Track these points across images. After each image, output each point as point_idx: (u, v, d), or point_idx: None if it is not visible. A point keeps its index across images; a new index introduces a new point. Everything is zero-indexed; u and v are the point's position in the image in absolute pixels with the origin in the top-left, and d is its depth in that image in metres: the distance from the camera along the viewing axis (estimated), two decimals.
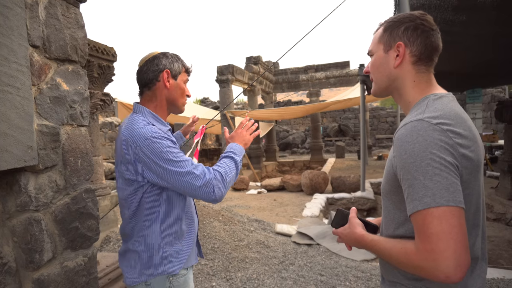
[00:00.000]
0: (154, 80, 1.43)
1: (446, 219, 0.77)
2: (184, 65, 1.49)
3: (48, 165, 1.42)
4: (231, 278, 3.27)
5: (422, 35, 0.95)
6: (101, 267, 2.40)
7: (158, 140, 1.29)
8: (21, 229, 1.34)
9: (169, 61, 1.44)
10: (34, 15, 1.38)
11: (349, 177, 7.53)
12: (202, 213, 4.43)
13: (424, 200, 0.79)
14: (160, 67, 1.42)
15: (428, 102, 0.92)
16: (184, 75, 1.49)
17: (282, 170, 13.88)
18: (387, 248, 0.89)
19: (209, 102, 21.79)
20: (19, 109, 1.28)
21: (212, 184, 1.28)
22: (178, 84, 1.46)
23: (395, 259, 0.86)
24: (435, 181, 0.79)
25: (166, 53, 1.47)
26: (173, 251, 1.39)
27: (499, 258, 4.12)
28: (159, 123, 1.43)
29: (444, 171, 0.79)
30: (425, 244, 0.78)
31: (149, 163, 1.28)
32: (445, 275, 0.76)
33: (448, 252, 0.76)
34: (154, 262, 1.37)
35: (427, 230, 0.78)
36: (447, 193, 0.78)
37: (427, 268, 0.78)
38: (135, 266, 1.39)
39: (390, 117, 21.31)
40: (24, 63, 1.31)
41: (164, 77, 1.42)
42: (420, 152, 0.81)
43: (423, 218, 0.79)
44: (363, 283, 3.21)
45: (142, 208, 1.37)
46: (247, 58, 12.60)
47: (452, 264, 0.75)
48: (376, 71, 1.04)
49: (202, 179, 1.27)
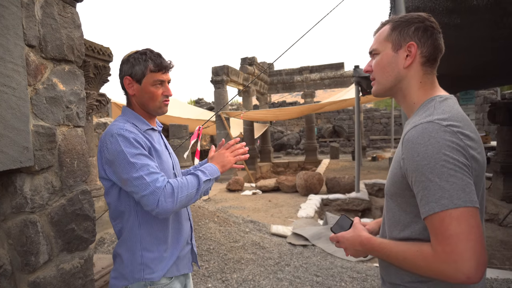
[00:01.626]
0: (123, 87, 1.41)
1: (465, 220, 0.77)
2: (148, 66, 1.34)
3: (44, 166, 1.41)
4: (227, 280, 3.26)
5: (432, 36, 0.95)
6: (97, 269, 2.38)
7: (121, 138, 1.25)
8: (16, 231, 1.33)
9: (129, 66, 1.36)
10: (30, 14, 1.37)
11: (343, 178, 7.56)
12: (197, 214, 4.41)
13: (442, 202, 0.79)
14: (122, 74, 1.38)
15: (435, 104, 0.92)
16: (152, 76, 1.35)
17: (277, 171, 13.90)
18: (400, 251, 0.88)
19: (203, 103, 21.74)
20: (15, 109, 1.26)
21: (158, 195, 1.19)
22: (143, 88, 1.36)
23: (410, 262, 0.85)
24: (451, 182, 0.79)
25: (130, 57, 1.38)
26: (153, 256, 1.33)
27: (492, 258, 4.16)
28: (140, 122, 1.39)
29: (459, 172, 0.79)
30: (444, 246, 0.78)
31: (110, 161, 1.26)
32: (466, 276, 0.76)
33: (468, 252, 0.76)
34: (133, 267, 1.32)
35: (445, 232, 0.78)
36: (464, 194, 0.78)
37: (447, 270, 0.78)
38: (118, 269, 1.36)
39: (384, 118, 21.44)
40: (20, 63, 1.30)
41: (126, 83, 1.38)
42: (434, 154, 0.81)
43: (441, 220, 0.79)
44: (359, 284, 3.22)
45: (119, 209, 1.34)
46: (242, 59, 12.60)
47: (473, 264, 0.75)
48: (381, 70, 1.01)
49: (150, 187, 1.20)
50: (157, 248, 1.35)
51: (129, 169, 1.22)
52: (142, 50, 1.38)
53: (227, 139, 10.51)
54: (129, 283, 1.33)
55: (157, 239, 1.35)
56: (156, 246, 1.35)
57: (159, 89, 1.38)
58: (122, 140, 1.24)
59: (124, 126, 1.29)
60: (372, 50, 1.04)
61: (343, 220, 1.10)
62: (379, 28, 1.04)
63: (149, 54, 1.36)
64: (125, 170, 1.22)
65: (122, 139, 1.24)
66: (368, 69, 1.06)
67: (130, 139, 1.25)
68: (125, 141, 1.24)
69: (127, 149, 1.23)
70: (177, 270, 1.41)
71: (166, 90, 1.40)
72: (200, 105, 20.36)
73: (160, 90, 1.38)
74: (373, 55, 1.04)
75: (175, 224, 1.42)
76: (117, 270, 1.37)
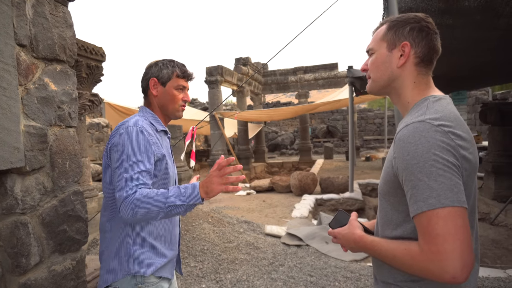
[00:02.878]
0: (146, 88, 1.50)
1: (452, 219, 0.78)
2: (175, 71, 1.48)
3: (35, 167, 1.39)
4: (221, 280, 3.25)
5: (427, 37, 0.96)
6: (89, 271, 2.36)
7: (134, 133, 1.30)
8: (7, 232, 1.31)
9: (157, 69, 1.48)
10: (21, 14, 1.35)
11: (337, 178, 7.59)
12: (191, 214, 4.40)
13: (429, 201, 0.79)
14: (149, 75, 1.49)
15: (428, 104, 0.92)
16: (176, 81, 1.48)
17: (271, 171, 13.90)
18: (390, 249, 0.88)
19: (197, 103, 21.70)
20: (5, 109, 1.25)
21: (120, 201, 1.21)
22: (167, 90, 1.47)
23: (399, 260, 0.86)
24: (439, 181, 0.79)
25: (158, 61, 1.51)
26: (144, 252, 1.35)
27: (484, 257, 4.21)
28: (157, 122, 1.47)
29: (448, 171, 0.80)
30: (431, 246, 0.78)
31: (113, 146, 1.31)
32: (451, 276, 0.76)
33: (454, 252, 0.76)
34: (123, 259, 1.33)
35: (432, 231, 0.78)
36: (452, 193, 0.79)
37: (433, 269, 0.78)
38: (106, 265, 1.37)
39: (377, 118, 21.57)
40: (11, 63, 1.28)
41: (151, 84, 1.48)
42: (424, 153, 0.81)
43: (428, 219, 0.79)
44: (352, 283, 3.23)
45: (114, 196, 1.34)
46: (236, 59, 12.59)
47: (459, 264, 0.76)
48: (376, 69, 1.02)
49: (123, 190, 1.22)
50: (148, 243, 1.36)
51: (123, 167, 1.25)
52: (169, 58, 1.53)
53: (222, 139, 10.50)
54: (119, 277, 1.32)
55: (149, 234, 1.37)
56: (148, 241, 1.36)
57: (180, 93, 1.50)
58: (134, 135, 1.30)
59: (142, 123, 1.36)
60: (369, 49, 1.05)
61: (341, 215, 1.10)
62: (377, 28, 1.05)
63: (176, 62, 1.51)
64: (119, 167, 1.26)
65: (134, 134, 1.30)
66: (365, 67, 1.08)
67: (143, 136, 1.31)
68: (136, 139, 1.30)
69: (134, 143, 1.28)
70: (165, 271, 1.42)
71: (186, 96, 1.52)
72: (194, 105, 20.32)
73: (181, 95, 1.50)
74: (370, 54, 1.06)
75: (167, 224, 1.44)
76: (106, 265, 1.36)
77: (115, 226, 1.36)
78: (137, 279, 1.32)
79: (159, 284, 1.38)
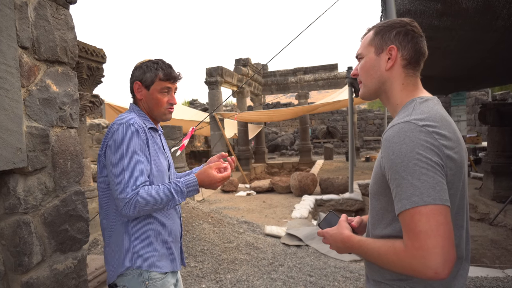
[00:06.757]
0: (132, 91, 1.50)
1: (434, 217, 0.80)
2: (158, 74, 1.43)
3: (37, 167, 1.41)
4: (221, 280, 3.27)
5: (412, 40, 0.99)
6: (90, 270, 2.38)
7: (128, 130, 1.32)
8: (9, 232, 1.33)
9: (141, 72, 1.45)
10: (24, 16, 1.38)
11: (337, 179, 7.60)
12: (191, 215, 4.41)
13: (412, 199, 0.82)
14: (133, 78, 1.47)
15: (415, 105, 0.95)
16: (160, 84, 1.44)
17: (271, 171, 13.92)
18: (375, 248, 0.91)
19: (197, 104, 21.71)
20: (8, 110, 1.27)
21: (124, 202, 1.26)
22: (151, 94, 1.45)
23: (384, 258, 0.88)
24: (422, 180, 0.82)
25: (142, 64, 1.47)
26: (143, 245, 1.37)
27: (483, 257, 4.22)
28: (145, 119, 1.46)
29: (431, 170, 0.82)
30: (414, 242, 0.81)
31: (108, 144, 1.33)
32: (433, 272, 0.78)
33: (436, 249, 0.78)
34: (123, 254, 1.35)
35: (415, 228, 0.81)
36: (434, 191, 0.81)
37: (416, 265, 0.80)
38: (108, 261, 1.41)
39: (377, 119, 21.58)
40: (13, 65, 1.30)
41: (135, 88, 1.47)
42: (408, 153, 0.84)
43: (411, 217, 0.82)
44: (352, 283, 3.25)
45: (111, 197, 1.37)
46: (236, 60, 12.62)
47: (440, 260, 0.78)
48: (366, 73, 1.06)
49: (125, 192, 1.26)
50: (146, 236, 1.38)
51: (122, 165, 1.28)
52: (155, 59, 1.47)
53: (222, 140, 10.52)
54: (122, 270, 1.35)
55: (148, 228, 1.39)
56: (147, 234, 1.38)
57: (165, 96, 1.46)
58: (129, 132, 1.32)
59: (135, 119, 1.37)
60: (358, 54, 1.09)
61: (331, 216, 1.13)
62: (365, 34, 1.08)
63: (161, 64, 1.45)
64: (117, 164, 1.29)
65: (129, 129, 1.32)
66: (355, 72, 1.11)
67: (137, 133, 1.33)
68: (131, 133, 1.32)
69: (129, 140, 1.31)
70: (170, 266, 1.44)
71: (171, 99, 1.48)
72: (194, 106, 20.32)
73: (166, 98, 1.46)
74: (359, 59, 1.09)
75: (166, 218, 1.45)
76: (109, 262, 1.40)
77: (112, 223, 1.39)
78: (144, 277, 1.35)
79: (165, 279, 1.41)
